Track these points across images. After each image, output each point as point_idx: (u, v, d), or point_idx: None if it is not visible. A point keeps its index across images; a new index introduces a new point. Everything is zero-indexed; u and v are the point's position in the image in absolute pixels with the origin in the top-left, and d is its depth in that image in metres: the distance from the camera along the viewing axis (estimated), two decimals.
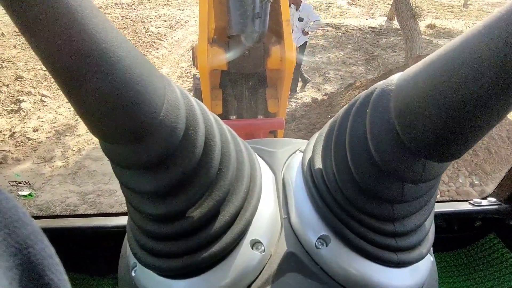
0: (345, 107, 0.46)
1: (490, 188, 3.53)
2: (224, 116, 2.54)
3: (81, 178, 3.82)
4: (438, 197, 3.50)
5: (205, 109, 0.43)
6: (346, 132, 0.42)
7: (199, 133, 0.38)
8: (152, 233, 0.43)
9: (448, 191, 3.55)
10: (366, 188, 0.41)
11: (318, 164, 0.50)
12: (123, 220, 0.87)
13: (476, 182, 3.63)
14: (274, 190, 0.55)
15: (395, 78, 0.36)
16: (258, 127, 2.26)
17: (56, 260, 0.25)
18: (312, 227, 0.49)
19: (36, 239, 0.24)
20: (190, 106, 0.38)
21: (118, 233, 0.82)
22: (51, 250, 0.25)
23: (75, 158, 4.18)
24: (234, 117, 2.50)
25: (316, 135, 0.55)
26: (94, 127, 0.32)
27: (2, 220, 0.22)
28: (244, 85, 2.52)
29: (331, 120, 0.51)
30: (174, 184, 0.38)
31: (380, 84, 0.38)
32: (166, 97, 0.34)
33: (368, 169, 0.40)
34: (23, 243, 0.23)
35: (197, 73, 2.75)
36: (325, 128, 0.52)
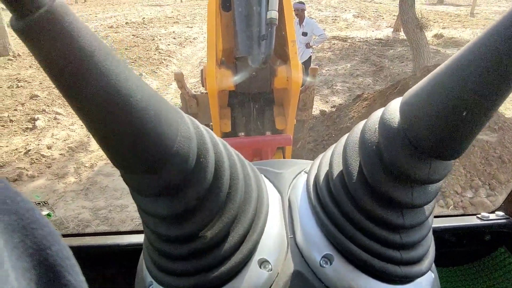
0: (352, 130, 0.51)
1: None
2: (232, 134, 2.57)
3: (93, 194, 3.88)
4: (447, 212, 3.43)
5: (214, 137, 0.46)
6: (359, 141, 0.46)
7: (210, 160, 0.41)
8: (166, 253, 0.46)
9: (461, 201, 3.48)
10: (378, 190, 0.43)
11: (325, 181, 0.52)
12: (137, 238, 0.88)
13: (490, 192, 3.55)
14: (281, 210, 0.57)
15: (400, 98, 0.42)
16: (266, 144, 2.28)
17: (73, 261, 0.26)
18: (316, 246, 0.50)
19: (53, 240, 0.25)
20: (201, 136, 0.41)
21: (132, 251, 0.84)
22: (68, 251, 0.26)
23: (88, 174, 4.25)
24: (242, 134, 2.53)
25: (320, 156, 0.59)
26: (115, 160, 0.36)
27: (20, 222, 0.23)
28: (252, 103, 2.56)
29: (333, 145, 0.55)
30: (187, 208, 0.41)
31: (389, 103, 0.44)
32: (180, 130, 0.37)
33: (379, 171, 0.42)
34: (40, 244, 0.24)
35: (186, 93, 2.80)
36: (330, 149, 0.56)
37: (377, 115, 0.45)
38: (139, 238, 0.87)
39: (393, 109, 0.41)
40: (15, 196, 0.23)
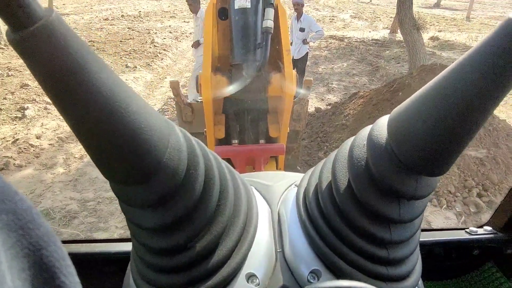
0: (341, 146, 0.52)
1: (498, 199, 3.44)
2: (226, 140, 2.55)
3: (82, 185, 3.80)
4: (440, 211, 3.42)
5: (205, 149, 0.46)
6: (348, 156, 0.47)
7: (199, 172, 0.42)
8: (153, 265, 0.46)
9: (454, 201, 3.47)
10: (366, 203, 0.44)
11: (314, 195, 0.52)
12: (125, 247, 0.87)
13: (483, 192, 3.55)
14: (270, 224, 0.57)
15: (388, 115, 0.43)
16: (259, 153, 2.29)
17: (68, 262, 0.26)
18: (304, 260, 0.50)
19: (49, 240, 0.24)
20: (191, 148, 0.42)
21: (120, 259, 0.84)
22: (63, 252, 0.25)
23: (77, 165, 4.17)
24: (236, 141, 2.53)
25: (310, 170, 0.59)
26: (105, 171, 0.36)
27: (17, 222, 0.22)
28: (246, 110, 2.56)
29: (323, 160, 0.56)
30: (175, 220, 0.41)
31: (377, 120, 0.45)
32: (170, 141, 0.38)
33: (368, 186, 0.43)
34: (36, 245, 0.23)
35: (181, 101, 2.79)
36: (319, 164, 0.57)
37: (365, 131, 0.46)
38: (128, 247, 0.85)
39: (381, 126, 0.43)
40: (13, 195, 0.23)
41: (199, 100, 2.97)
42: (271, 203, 0.61)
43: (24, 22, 0.27)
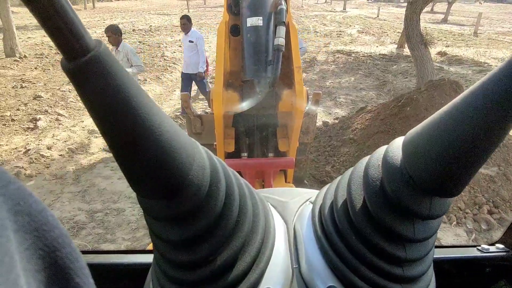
0: (356, 165, 0.54)
1: (510, 216, 3.37)
2: (236, 154, 2.58)
3: (90, 196, 3.83)
4: (450, 228, 3.36)
5: (226, 167, 0.48)
6: (363, 176, 0.48)
7: (221, 189, 0.44)
8: (173, 278, 0.47)
9: (464, 218, 3.42)
10: (381, 222, 0.45)
11: (329, 212, 0.53)
12: (139, 258, 0.88)
13: (493, 209, 3.49)
14: (286, 240, 0.58)
15: (403, 137, 0.45)
16: (269, 166, 2.31)
17: (82, 263, 0.26)
18: (320, 277, 0.51)
19: (63, 242, 0.25)
20: (214, 166, 0.44)
21: (134, 270, 0.85)
22: (77, 253, 0.26)
23: (86, 176, 4.21)
24: (245, 154, 2.56)
25: (325, 188, 0.60)
26: (134, 184, 0.38)
27: (32, 223, 0.23)
28: (255, 124, 2.60)
29: (338, 178, 0.57)
30: (197, 234, 0.43)
31: (392, 141, 0.46)
32: (195, 159, 0.40)
33: (382, 206, 0.44)
34: (51, 246, 0.24)
35: (191, 113, 2.84)
36: (334, 182, 0.58)
37: (380, 151, 0.47)
38: (141, 258, 0.87)
39: (396, 147, 0.44)
40: (28, 197, 0.23)
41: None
42: (287, 219, 0.62)
43: (78, 52, 0.29)
